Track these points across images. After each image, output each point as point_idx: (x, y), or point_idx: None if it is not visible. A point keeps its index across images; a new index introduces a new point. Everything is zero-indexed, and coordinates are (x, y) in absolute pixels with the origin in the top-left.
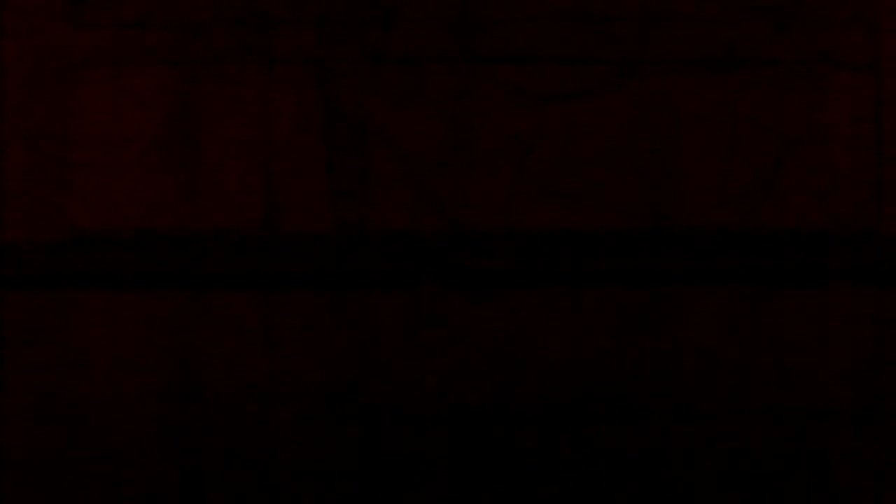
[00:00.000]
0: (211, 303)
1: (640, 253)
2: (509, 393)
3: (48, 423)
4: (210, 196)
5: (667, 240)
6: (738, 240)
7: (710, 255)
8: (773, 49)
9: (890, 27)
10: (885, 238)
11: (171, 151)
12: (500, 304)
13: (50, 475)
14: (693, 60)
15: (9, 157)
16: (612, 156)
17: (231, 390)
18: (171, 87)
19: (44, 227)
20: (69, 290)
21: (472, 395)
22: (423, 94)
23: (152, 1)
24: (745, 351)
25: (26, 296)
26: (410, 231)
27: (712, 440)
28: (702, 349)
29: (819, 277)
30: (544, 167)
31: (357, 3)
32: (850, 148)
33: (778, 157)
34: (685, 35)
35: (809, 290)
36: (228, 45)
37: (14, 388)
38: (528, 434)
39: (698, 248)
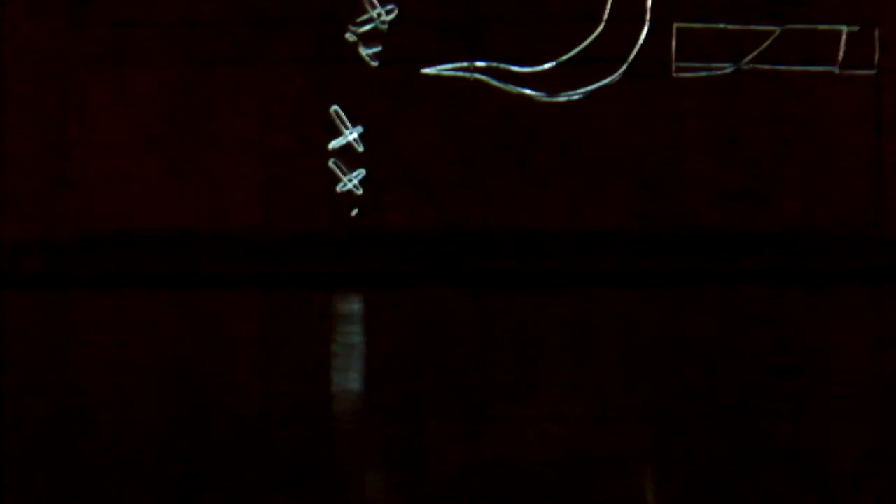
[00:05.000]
0: (210, 302)
1: (640, 253)
2: (509, 390)
3: (48, 420)
4: (210, 196)
5: (667, 240)
6: (738, 240)
7: (710, 255)
8: (774, 49)
9: (890, 28)
10: (885, 238)
11: (171, 152)
12: (500, 303)
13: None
14: (693, 61)
15: (9, 157)
16: (613, 156)
17: (230, 388)
18: (172, 87)
19: (44, 227)
20: (69, 290)
21: (472, 392)
22: (423, 94)
23: (152, 1)
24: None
25: (26, 295)
26: (410, 231)
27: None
28: (701, 346)
29: (819, 277)
30: (544, 167)
31: (356, 4)
32: (850, 148)
33: (778, 156)
34: (685, 35)
35: (810, 289)
36: (228, 45)
37: (14, 386)
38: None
39: (698, 248)
